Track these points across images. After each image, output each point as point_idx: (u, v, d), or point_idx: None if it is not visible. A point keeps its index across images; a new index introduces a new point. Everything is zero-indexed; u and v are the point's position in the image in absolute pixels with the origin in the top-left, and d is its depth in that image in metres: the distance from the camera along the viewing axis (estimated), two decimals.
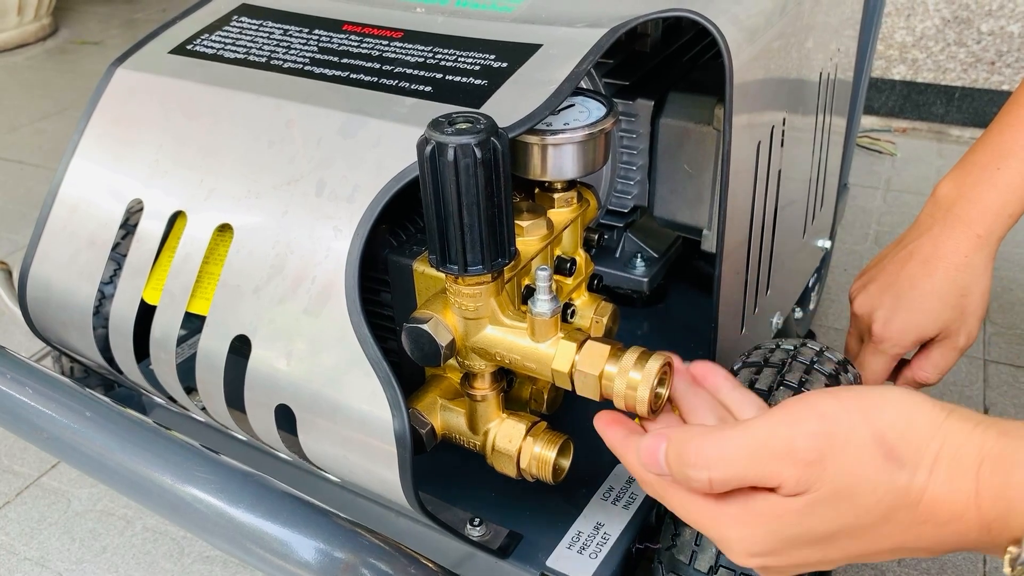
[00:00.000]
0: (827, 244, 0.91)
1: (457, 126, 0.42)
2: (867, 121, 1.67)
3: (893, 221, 1.35)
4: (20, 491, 0.89)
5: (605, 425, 0.45)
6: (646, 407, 0.44)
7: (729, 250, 0.59)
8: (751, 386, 0.56)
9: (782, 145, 0.66)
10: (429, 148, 0.42)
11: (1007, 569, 0.31)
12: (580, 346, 0.46)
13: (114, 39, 2.34)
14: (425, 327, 0.48)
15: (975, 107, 1.61)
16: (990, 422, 0.33)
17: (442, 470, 0.61)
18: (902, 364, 0.69)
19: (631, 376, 0.44)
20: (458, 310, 0.48)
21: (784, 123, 0.65)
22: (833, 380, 0.57)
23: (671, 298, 0.83)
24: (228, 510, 0.40)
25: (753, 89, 0.58)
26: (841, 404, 0.34)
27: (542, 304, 0.46)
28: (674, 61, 0.75)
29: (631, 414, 0.45)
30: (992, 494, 0.31)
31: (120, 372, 0.60)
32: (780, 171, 0.67)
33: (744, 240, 0.62)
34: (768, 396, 0.55)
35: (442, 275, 0.48)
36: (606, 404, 0.46)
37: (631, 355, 0.45)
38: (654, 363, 0.44)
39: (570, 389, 0.47)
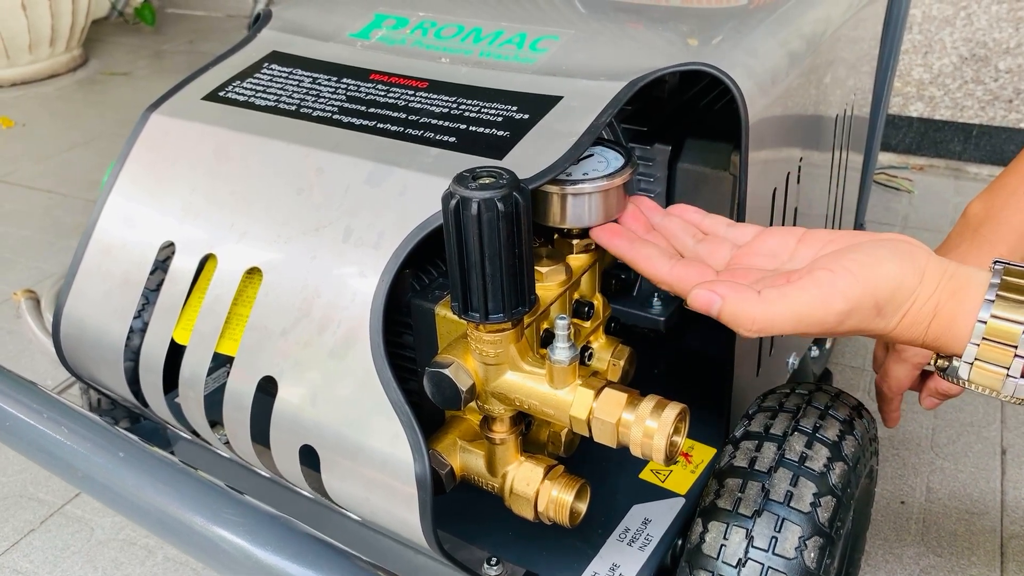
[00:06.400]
0: None
1: (481, 181, 0.43)
2: (884, 158, 1.68)
3: None
4: (44, 519, 0.91)
5: (609, 237, 0.52)
6: (663, 455, 0.45)
7: None
8: (765, 431, 0.57)
9: (798, 182, 0.67)
10: (453, 202, 0.43)
11: (932, 361, 0.48)
12: (598, 393, 0.47)
13: (142, 70, 2.39)
14: (446, 372, 0.49)
15: (992, 144, 1.61)
16: (946, 284, 0.45)
17: (460, 508, 0.62)
18: (927, 374, 0.70)
19: (648, 424, 0.45)
20: (478, 356, 0.49)
21: (800, 161, 0.66)
22: (847, 425, 0.57)
23: (688, 338, 0.84)
24: (255, 552, 0.42)
25: (768, 137, 0.59)
26: (857, 282, 0.44)
27: (560, 352, 0.47)
28: (691, 107, 0.77)
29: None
30: (933, 337, 0.46)
31: (147, 407, 0.62)
32: (796, 209, 0.68)
33: None
34: (783, 440, 0.56)
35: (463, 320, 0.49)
36: (622, 450, 0.47)
37: (648, 403, 0.46)
38: (670, 412, 0.45)
39: (587, 435, 0.48)
